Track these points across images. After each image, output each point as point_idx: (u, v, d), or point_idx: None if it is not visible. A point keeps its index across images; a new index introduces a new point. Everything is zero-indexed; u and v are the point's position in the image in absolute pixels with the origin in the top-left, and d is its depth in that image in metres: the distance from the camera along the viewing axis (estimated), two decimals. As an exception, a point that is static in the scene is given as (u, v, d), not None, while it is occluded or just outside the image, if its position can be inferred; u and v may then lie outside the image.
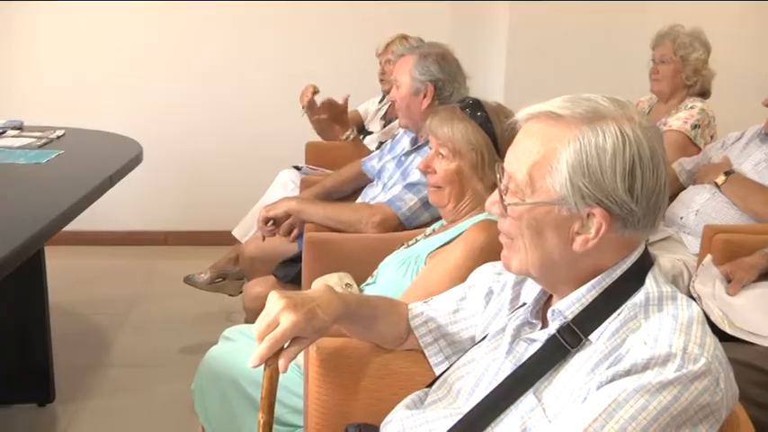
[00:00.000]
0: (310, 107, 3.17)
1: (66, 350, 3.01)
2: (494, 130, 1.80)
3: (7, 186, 2.48)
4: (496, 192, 1.14)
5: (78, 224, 2.36)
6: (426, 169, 1.87)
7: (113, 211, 3.96)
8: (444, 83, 2.47)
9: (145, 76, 4.33)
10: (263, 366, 1.20)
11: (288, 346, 1.19)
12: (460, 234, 1.75)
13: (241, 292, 3.29)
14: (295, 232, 2.58)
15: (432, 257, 1.78)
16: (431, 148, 1.87)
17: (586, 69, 3.46)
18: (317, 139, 3.52)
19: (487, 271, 1.39)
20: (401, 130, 2.78)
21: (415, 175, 2.39)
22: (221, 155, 4.40)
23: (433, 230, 1.97)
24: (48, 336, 2.79)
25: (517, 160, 1.10)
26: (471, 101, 1.86)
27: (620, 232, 1.06)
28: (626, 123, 1.04)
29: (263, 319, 1.18)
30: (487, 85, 3.50)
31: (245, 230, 3.28)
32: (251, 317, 2.45)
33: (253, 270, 2.82)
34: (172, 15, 4.28)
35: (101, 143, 3.22)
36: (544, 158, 1.06)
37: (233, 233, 3.34)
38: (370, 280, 1.97)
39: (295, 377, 1.72)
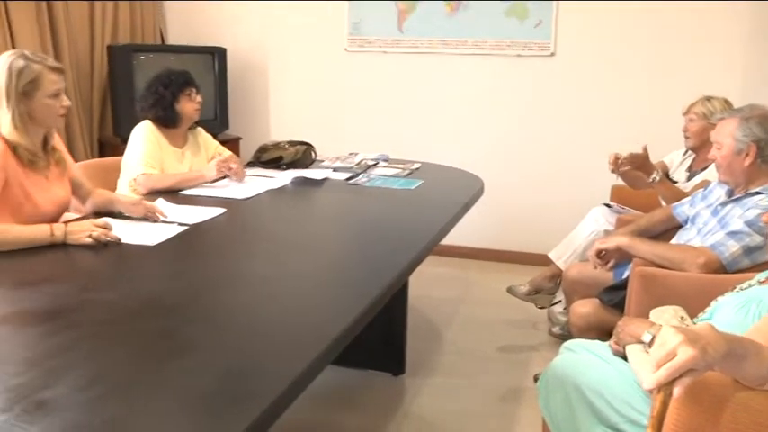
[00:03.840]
0: (617, 169, 3.11)
1: (414, 335, 3.20)
2: (841, 195, 1.63)
3: (394, 207, 2.76)
4: None
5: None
6: (768, 222, 1.75)
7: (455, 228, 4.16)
8: (766, 142, 2.28)
9: (483, 123, 4.53)
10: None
11: (681, 376, 1.17)
12: (804, 288, 1.60)
13: (553, 304, 3.31)
14: (611, 263, 2.54)
15: (775, 305, 1.65)
16: (774, 205, 1.74)
17: None
18: (622, 183, 3.42)
19: None
20: (714, 182, 2.61)
21: (737, 225, 2.26)
22: (542, 191, 4.48)
23: (767, 278, 1.82)
24: (405, 321, 3.01)
25: None
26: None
27: None
28: None
29: (661, 349, 1.18)
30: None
31: (560, 254, 3.29)
32: (576, 332, 2.44)
33: (573, 291, 2.83)
34: (506, 74, 4.43)
35: (449, 176, 3.41)
36: None
37: (549, 255, 3.35)
38: (703, 315, 1.88)
39: (632, 391, 1.69)
